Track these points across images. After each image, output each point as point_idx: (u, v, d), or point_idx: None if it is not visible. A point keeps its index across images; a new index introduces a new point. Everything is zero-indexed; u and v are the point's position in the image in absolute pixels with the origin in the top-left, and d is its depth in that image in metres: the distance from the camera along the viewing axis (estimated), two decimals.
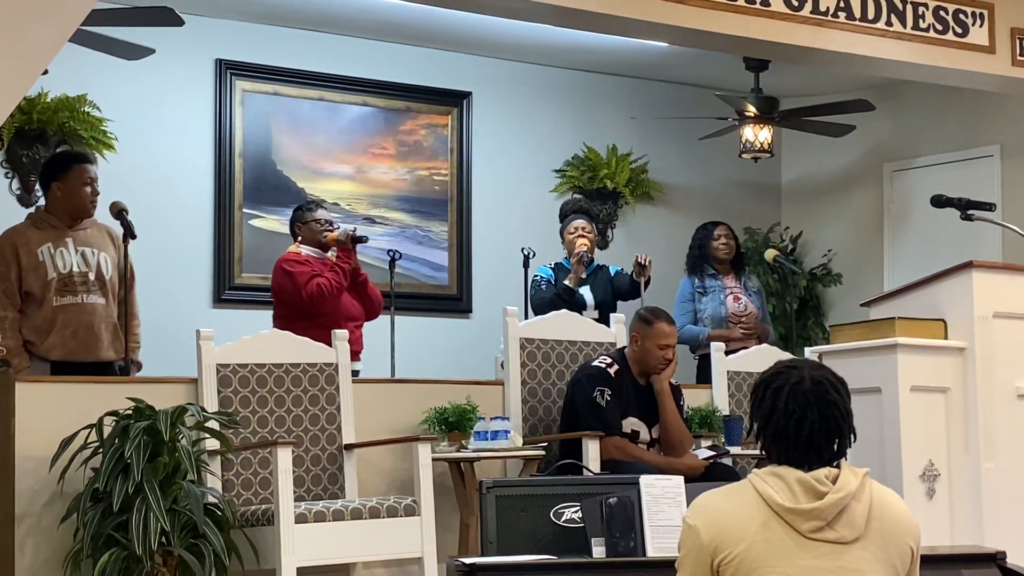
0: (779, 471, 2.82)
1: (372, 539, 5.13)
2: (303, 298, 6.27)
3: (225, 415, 5.20)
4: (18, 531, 5.05)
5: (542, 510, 3.99)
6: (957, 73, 7.14)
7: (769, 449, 2.89)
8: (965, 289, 4.81)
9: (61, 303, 5.64)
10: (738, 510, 2.80)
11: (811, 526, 2.76)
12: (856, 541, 2.78)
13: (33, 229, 5.72)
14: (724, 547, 2.77)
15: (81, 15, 4.66)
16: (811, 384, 2.86)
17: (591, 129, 9.20)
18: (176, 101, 7.92)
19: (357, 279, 6.49)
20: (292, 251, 6.50)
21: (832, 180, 9.71)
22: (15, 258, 5.62)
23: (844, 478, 2.82)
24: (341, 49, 8.35)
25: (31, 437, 5.08)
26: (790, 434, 2.83)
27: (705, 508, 2.85)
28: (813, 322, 9.43)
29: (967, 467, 4.75)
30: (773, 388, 2.88)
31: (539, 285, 7.00)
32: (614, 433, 5.73)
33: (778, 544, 2.76)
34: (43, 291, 5.62)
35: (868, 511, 2.81)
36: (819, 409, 2.84)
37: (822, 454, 2.84)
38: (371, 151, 8.51)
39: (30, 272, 5.63)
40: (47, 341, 5.63)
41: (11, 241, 5.66)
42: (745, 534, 2.77)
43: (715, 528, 2.79)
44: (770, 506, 2.78)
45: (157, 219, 7.33)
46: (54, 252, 5.67)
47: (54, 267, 5.65)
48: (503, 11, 6.38)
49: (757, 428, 2.91)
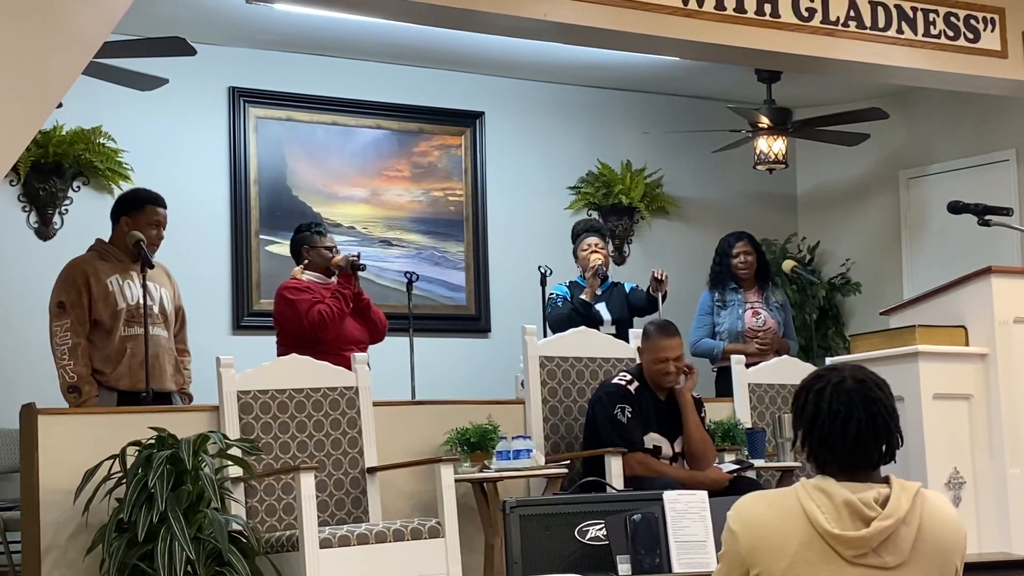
0: (826, 487, 2.73)
1: (397, 562, 5.12)
2: (305, 326, 6.27)
3: (247, 442, 5.21)
4: (44, 564, 5.06)
5: (566, 528, 3.99)
6: (969, 79, 7.12)
7: (816, 455, 2.78)
8: (984, 295, 4.79)
9: (129, 333, 5.72)
10: (781, 525, 2.71)
11: (855, 552, 2.67)
12: (900, 567, 2.69)
13: (100, 260, 5.80)
14: (761, 561, 2.70)
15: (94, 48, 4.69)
16: (854, 383, 2.77)
17: (605, 145, 9.20)
18: (190, 130, 7.95)
19: (360, 303, 6.48)
20: (292, 279, 6.49)
21: (848, 189, 9.70)
22: (87, 286, 5.70)
23: (895, 501, 2.72)
24: (353, 73, 8.38)
25: (55, 470, 5.09)
26: (836, 434, 2.74)
27: (749, 516, 2.76)
28: (833, 332, 9.40)
29: (992, 474, 4.73)
30: (815, 391, 2.79)
31: (555, 303, 7.00)
32: (636, 449, 5.72)
33: (818, 566, 2.67)
34: (112, 321, 5.70)
35: (916, 534, 2.71)
36: (864, 407, 2.75)
37: (871, 455, 2.75)
38: (385, 174, 8.53)
39: (99, 301, 5.70)
40: (116, 371, 5.69)
41: (82, 270, 5.73)
42: (785, 552, 2.69)
43: (755, 539, 2.72)
44: (814, 526, 2.69)
45: (174, 248, 7.32)
46: (122, 283, 5.75)
47: (123, 298, 5.73)
48: (513, 31, 6.39)
49: (802, 434, 2.80)
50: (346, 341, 6.30)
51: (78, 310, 5.67)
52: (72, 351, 5.63)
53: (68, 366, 5.62)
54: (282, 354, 6.12)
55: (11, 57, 4.33)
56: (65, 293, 5.70)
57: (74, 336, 5.64)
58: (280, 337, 6.46)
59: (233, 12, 7.49)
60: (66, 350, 5.64)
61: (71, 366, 5.62)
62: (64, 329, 5.66)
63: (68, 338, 5.65)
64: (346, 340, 6.31)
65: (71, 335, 5.64)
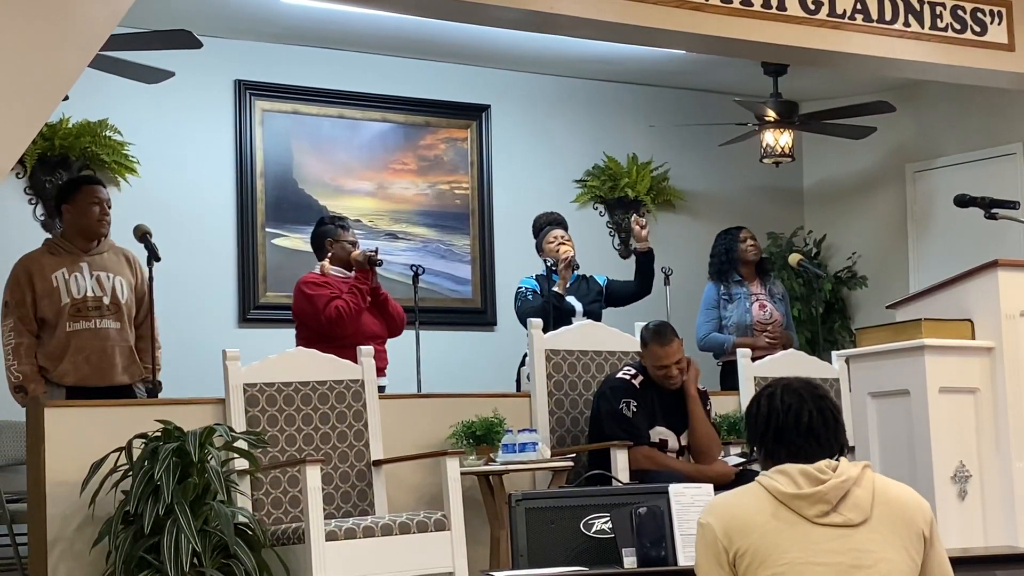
0: (783, 467, 2.95)
1: (403, 555, 5.13)
2: (322, 321, 6.28)
3: (253, 434, 5.21)
4: (51, 556, 5.08)
5: (572, 521, 3.99)
6: (976, 72, 7.11)
7: (772, 450, 3.00)
8: (991, 288, 4.78)
9: (74, 328, 5.69)
10: (748, 504, 2.94)
11: (817, 510, 2.88)
12: (864, 523, 2.89)
13: (48, 255, 5.78)
14: (738, 539, 2.90)
15: (100, 40, 4.69)
16: (801, 384, 3.04)
17: (611, 138, 9.19)
18: (197, 123, 7.96)
19: (378, 297, 6.49)
20: (312, 272, 6.51)
21: (854, 182, 9.69)
22: (29, 284, 5.69)
23: (844, 466, 2.94)
24: (359, 66, 8.37)
25: (61, 462, 5.11)
26: (791, 425, 2.98)
27: (716, 506, 3.00)
28: (839, 325, 9.40)
29: (998, 467, 4.72)
30: (767, 395, 3.05)
31: (525, 296, 6.82)
32: (642, 444, 5.72)
33: (788, 531, 2.88)
34: (56, 317, 5.68)
35: (872, 496, 2.92)
36: (813, 402, 3.00)
37: (822, 443, 2.97)
38: (391, 167, 8.53)
39: (44, 298, 5.68)
40: (60, 367, 5.68)
41: (25, 268, 5.73)
42: (756, 523, 2.89)
43: (727, 522, 2.93)
44: (776, 497, 2.91)
45: (181, 241, 7.36)
46: (68, 277, 5.73)
47: (68, 292, 5.71)
48: (520, 24, 6.39)
49: (759, 436, 3.02)
50: (364, 336, 6.29)
51: (21, 309, 5.66)
52: (15, 351, 5.64)
53: (13, 366, 5.65)
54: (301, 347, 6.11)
55: (18, 50, 4.33)
56: (9, 293, 5.71)
57: (17, 336, 5.64)
58: (299, 330, 6.48)
59: (239, 5, 7.49)
60: (11, 350, 5.66)
61: (15, 366, 5.64)
62: (8, 329, 5.67)
63: (12, 338, 5.66)
64: (364, 335, 6.31)
65: (14, 335, 5.65)
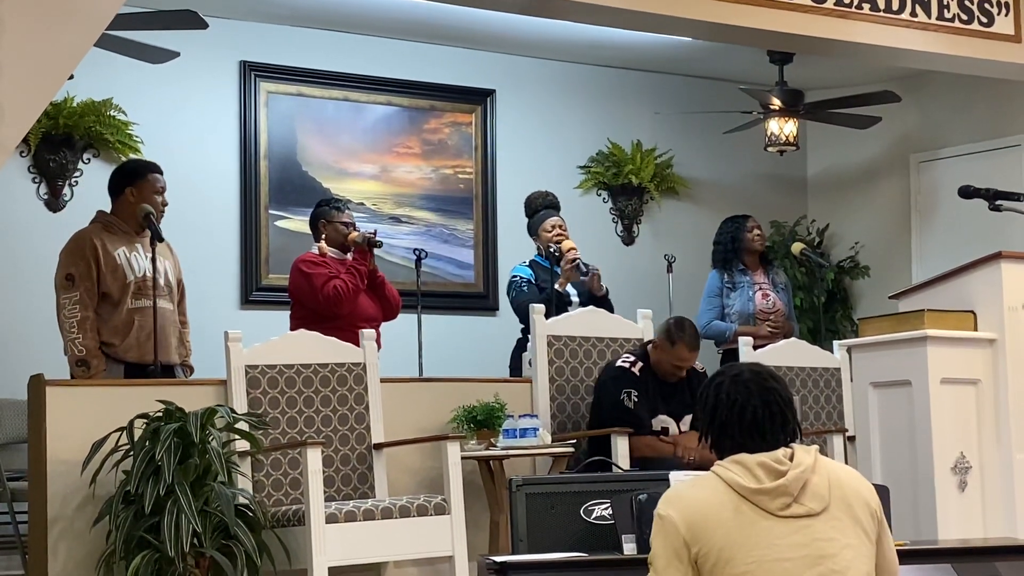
0: (739, 457, 2.92)
1: (403, 538, 5.14)
2: (319, 300, 6.28)
3: (254, 416, 5.22)
4: (51, 535, 5.09)
5: (572, 507, 4.00)
6: (983, 63, 7.09)
7: (718, 442, 2.98)
8: (994, 280, 4.79)
9: (137, 306, 5.69)
10: (710, 498, 2.89)
11: (779, 503, 2.86)
12: (824, 511, 2.88)
13: (106, 232, 5.76)
14: (701, 537, 2.85)
15: (106, 20, 4.69)
16: (750, 375, 3.00)
17: (615, 125, 9.18)
18: (201, 103, 7.94)
19: (375, 280, 6.48)
20: (311, 252, 6.50)
21: (858, 172, 9.67)
22: (95, 259, 5.66)
23: (799, 455, 2.93)
24: (364, 49, 8.36)
25: (62, 441, 5.11)
26: (734, 420, 2.95)
27: (678, 499, 2.93)
28: (841, 315, 9.40)
29: (999, 459, 4.73)
30: (715, 384, 3.01)
31: (519, 286, 6.67)
32: (644, 433, 5.73)
33: (752, 527, 2.84)
34: (121, 293, 5.68)
35: (828, 482, 2.91)
36: (760, 396, 2.96)
37: (767, 438, 2.94)
38: (395, 150, 8.52)
39: (109, 274, 5.67)
40: (124, 343, 5.68)
41: (91, 241, 5.68)
42: (719, 521, 2.85)
43: (689, 517, 2.88)
44: (737, 491, 2.87)
45: (184, 221, 7.34)
46: (129, 256, 5.73)
47: (131, 270, 5.71)
48: (527, 9, 6.38)
49: (706, 427, 3.00)
50: (360, 318, 6.30)
51: (87, 282, 5.63)
52: (81, 324, 5.61)
53: (77, 339, 5.59)
54: (295, 327, 6.12)
55: (23, 29, 4.32)
56: (74, 265, 5.65)
57: (83, 309, 5.62)
58: (294, 310, 6.47)
59: None
60: (75, 323, 5.62)
61: (80, 339, 5.59)
62: (73, 302, 5.63)
63: (77, 311, 5.62)
64: (360, 317, 6.31)
65: (80, 308, 5.62)
